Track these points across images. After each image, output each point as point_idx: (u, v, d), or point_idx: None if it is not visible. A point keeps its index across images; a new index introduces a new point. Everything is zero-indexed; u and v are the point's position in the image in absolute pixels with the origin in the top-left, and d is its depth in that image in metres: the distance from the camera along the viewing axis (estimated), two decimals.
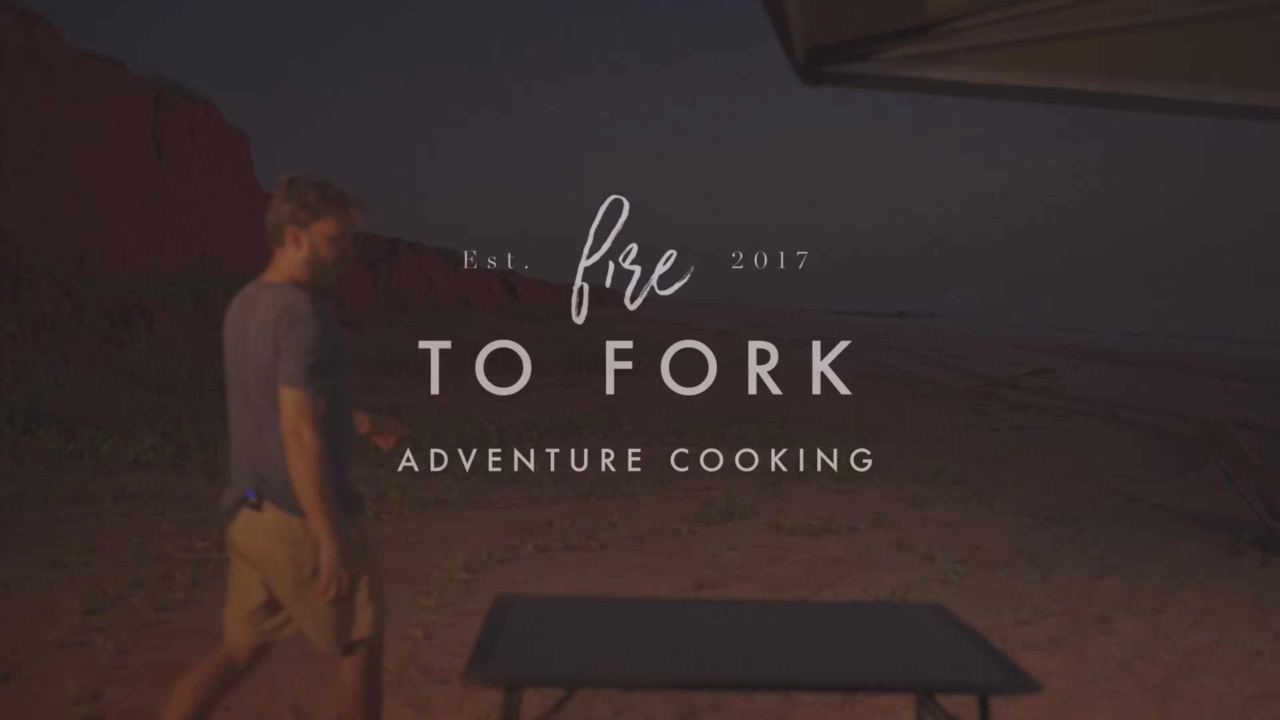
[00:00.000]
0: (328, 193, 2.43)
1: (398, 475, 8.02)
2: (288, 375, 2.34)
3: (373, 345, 18.86)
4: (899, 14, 2.37)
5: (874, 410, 14.14)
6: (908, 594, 4.86)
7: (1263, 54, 2.44)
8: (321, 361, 2.35)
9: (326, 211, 2.42)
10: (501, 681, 1.86)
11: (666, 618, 2.41)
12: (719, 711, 3.42)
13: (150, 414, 9.60)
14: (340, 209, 2.44)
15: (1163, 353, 29.34)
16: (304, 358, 2.33)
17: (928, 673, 2.01)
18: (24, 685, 3.40)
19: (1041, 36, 2.34)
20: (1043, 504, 7.43)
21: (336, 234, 2.45)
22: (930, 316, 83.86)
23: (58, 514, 6.03)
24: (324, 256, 2.45)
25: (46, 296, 13.15)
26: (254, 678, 3.53)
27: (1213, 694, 3.61)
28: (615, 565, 5.42)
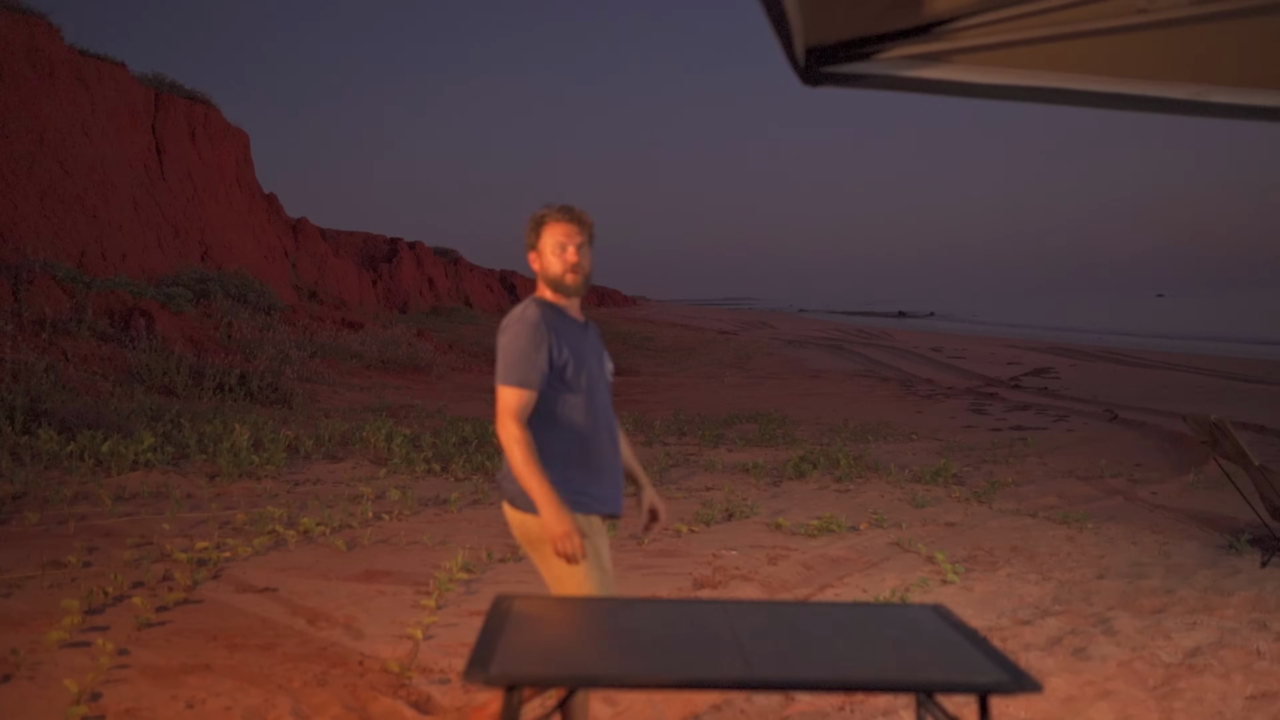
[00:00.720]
0: (545, 212, 2.75)
1: (398, 475, 8.02)
2: (497, 375, 2.69)
3: (373, 345, 18.84)
4: (899, 14, 2.37)
5: (874, 410, 14.14)
6: (908, 594, 4.86)
7: (1263, 54, 2.44)
8: (520, 363, 2.62)
9: (544, 229, 2.74)
10: (501, 681, 1.86)
11: (666, 618, 2.40)
12: (719, 712, 3.42)
13: (150, 414, 9.61)
14: (552, 224, 2.73)
15: (1162, 352, 29.35)
16: (503, 359, 2.66)
17: (927, 673, 2.01)
18: (24, 685, 3.40)
19: (1041, 36, 2.34)
20: (1043, 504, 7.43)
21: (554, 246, 2.73)
22: (930, 316, 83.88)
23: (58, 514, 6.03)
24: (551, 269, 2.74)
25: (46, 296, 13.15)
26: (255, 677, 3.54)
27: (1213, 694, 3.61)
28: (615, 565, 5.41)
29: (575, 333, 2.75)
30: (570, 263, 2.72)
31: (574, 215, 2.74)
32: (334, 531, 5.91)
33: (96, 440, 7.63)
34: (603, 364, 2.84)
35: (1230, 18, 2.23)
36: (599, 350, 2.84)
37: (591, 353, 2.78)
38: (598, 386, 2.77)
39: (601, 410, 2.77)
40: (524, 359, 2.62)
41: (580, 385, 2.69)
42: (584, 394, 2.71)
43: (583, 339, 2.77)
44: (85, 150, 17.93)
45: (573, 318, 2.79)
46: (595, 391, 2.75)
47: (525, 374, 2.62)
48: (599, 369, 2.80)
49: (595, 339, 2.86)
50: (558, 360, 2.66)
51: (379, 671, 3.66)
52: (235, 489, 7.09)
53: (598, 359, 2.80)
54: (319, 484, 7.48)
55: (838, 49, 2.54)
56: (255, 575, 4.92)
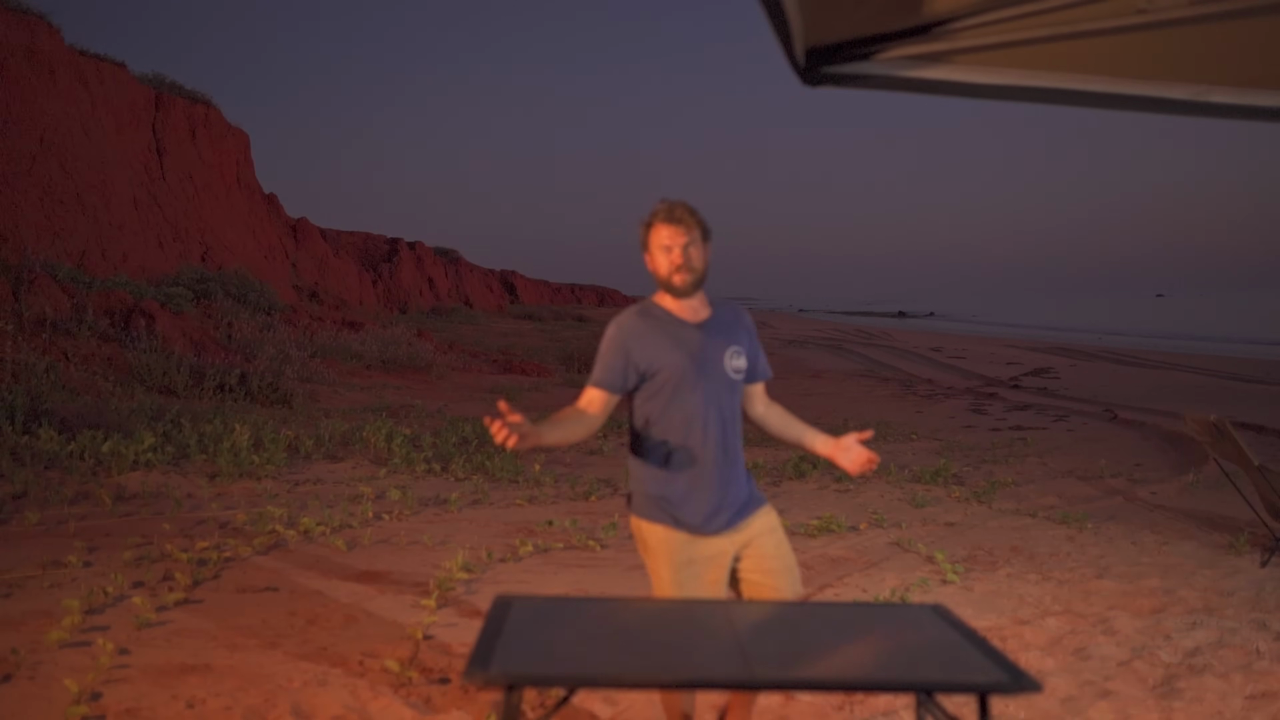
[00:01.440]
0: (652, 214, 2.72)
1: (398, 475, 8.02)
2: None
3: (373, 345, 18.84)
4: (899, 14, 2.37)
5: (874, 410, 14.14)
6: (907, 594, 4.86)
7: (1264, 54, 2.44)
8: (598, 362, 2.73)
9: (651, 232, 2.72)
10: (501, 681, 1.86)
11: (666, 618, 2.41)
12: (719, 712, 3.42)
13: (150, 414, 9.61)
14: (658, 226, 2.70)
15: (1162, 352, 29.34)
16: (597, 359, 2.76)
17: (927, 672, 2.01)
18: (24, 685, 3.40)
19: (1041, 36, 2.34)
20: (1042, 504, 7.43)
21: (661, 248, 2.70)
22: (930, 316, 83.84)
23: (58, 514, 6.03)
24: (659, 270, 2.72)
25: (47, 296, 13.15)
26: (255, 677, 3.54)
27: (1212, 694, 3.61)
28: (615, 565, 5.43)
29: (680, 335, 2.69)
30: (675, 264, 2.67)
31: (678, 217, 2.68)
32: (334, 531, 5.91)
33: (97, 440, 7.63)
34: (717, 365, 2.70)
35: (1230, 18, 2.23)
36: (717, 349, 2.71)
37: (699, 354, 2.68)
38: (696, 393, 2.67)
39: (699, 420, 2.67)
40: (601, 360, 2.73)
41: (666, 393, 2.67)
42: (670, 402, 2.67)
43: (690, 341, 2.69)
44: (85, 150, 17.93)
45: (680, 320, 2.72)
46: (690, 400, 2.67)
47: (597, 374, 2.72)
48: (706, 368, 2.68)
49: (714, 337, 2.72)
50: (641, 368, 2.69)
51: (379, 671, 3.66)
52: (235, 489, 7.09)
53: (707, 361, 2.69)
54: (319, 484, 7.48)
55: (838, 49, 2.54)
56: (255, 575, 4.92)
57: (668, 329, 2.71)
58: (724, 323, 2.77)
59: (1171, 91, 2.54)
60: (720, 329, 2.75)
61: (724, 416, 2.71)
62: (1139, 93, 2.59)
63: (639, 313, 2.74)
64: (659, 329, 2.71)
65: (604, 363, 2.71)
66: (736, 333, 2.77)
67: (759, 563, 2.73)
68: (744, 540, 2.73)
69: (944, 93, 2.62)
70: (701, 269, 2.70)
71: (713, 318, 2.77)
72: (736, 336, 2.76)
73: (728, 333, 2.76)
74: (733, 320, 2.80)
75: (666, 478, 2.69)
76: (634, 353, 2.68)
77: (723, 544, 2.72)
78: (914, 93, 2.65)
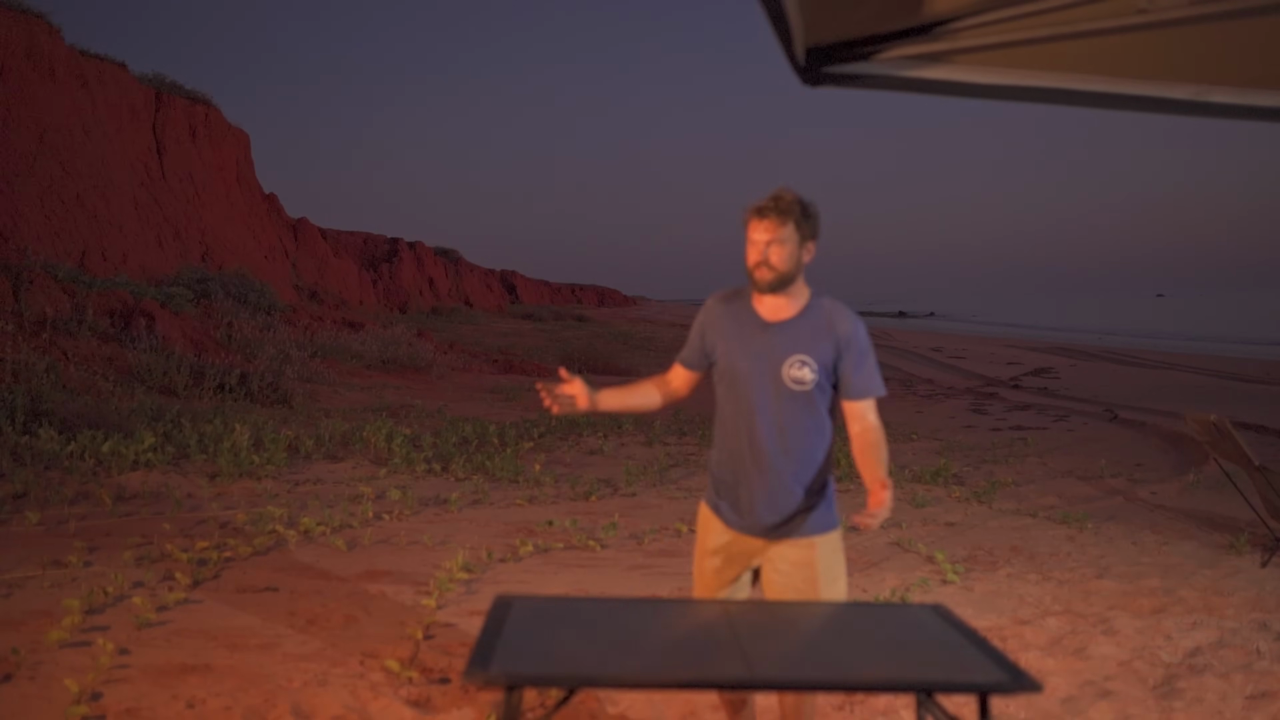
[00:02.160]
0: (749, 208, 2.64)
1: (398, 475, 8.02)
2: None
3: (373, 345, 18.84)
4: (899, 14, 2.37)
5: None
6: (908, 594, 4.86)
7: (1264, 54, 2.44)
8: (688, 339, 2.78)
9: (747, 226, 2.63)
10: (501, 681, 1.86)
11: (666, 618, 2.40)
12: (719, 712, 3.42)
13: (151, 414, 9.60)
14: (752, 220, 2.62)
15: (1162, 352, 29.33)
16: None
17: (927, 673, 2.01)
18: (24, 685, 3.40)
19: (1041, 36, 2.34)
20: (1043, 504, 7.43)
21: (749, 239, 2.61)
22: (930, 316, 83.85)
23: (58, 514, 6.03)
24: (747, 263, 2.63)
25: (47, 296, 13.15)
26: (255, 677, 3.54)
27: (1213, 694, 3.61)
28: (615, 565, 5.43)
29: (747, 329, 2.63)
30: (756, 260, 2.57)
31: (766, 212, 2.57)
32: (334, 531, 5.91)
33: (97, 440, 7.63)
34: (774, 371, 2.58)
35: (1230, 17, 2.23)
36: (778, 355, 2.58)
37: (758, 356, 2.60)
38: (747, 391, 2.61)
39: (746, 417, 2.61)
40: (688, 339, 2.79)
41: (725, 382, 2.66)
42: (728, 392, 2.65)
43: (753, 338, 2.61)
44: (86, 150, 17.93)
45: (756, 315, 2.63)
46: (742, 395, 2.61)
47: (684, 350, 2.79)
48: (768, 371, 2.59)
49: (781, 342, 2.59)
50: (709, 352, 2.72)
51: (379, 671, 3.66)
52: (235, 489, 7.09)
53: (765, 364, 2.59)
54: (319, 484, 7.48)
55: (838, 49, 2.54)
56: (255, 575, 4.92)
57: (740, 320, 2.65)
58: (803, 328, 2.60)
59: (1172, 91, 2.54)
60: (794, 335, 2.59)
61: (777, 425, 2.59)
62: (1139, 93, 2.59)
63: (724, 297, 2.72)
64: (733, 318, 2.66)
65: (689, 339, 2.78)
66: (815, 342, 2.58)
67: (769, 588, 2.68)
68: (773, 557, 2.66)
69: (944, 93, 2.62)
70: (785, 269, 2.56)
71: (793, 321, 2.61)
72: (811, 346, 2.58)
73: (802, 341, 2.59)
74: (817, 328, 2.60)
75: (719, 463, 2.70)
76: (707, 335, 2.71)
77: (752, 547, 2.67)
78: (914, 93, 2.65)
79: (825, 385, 2.60)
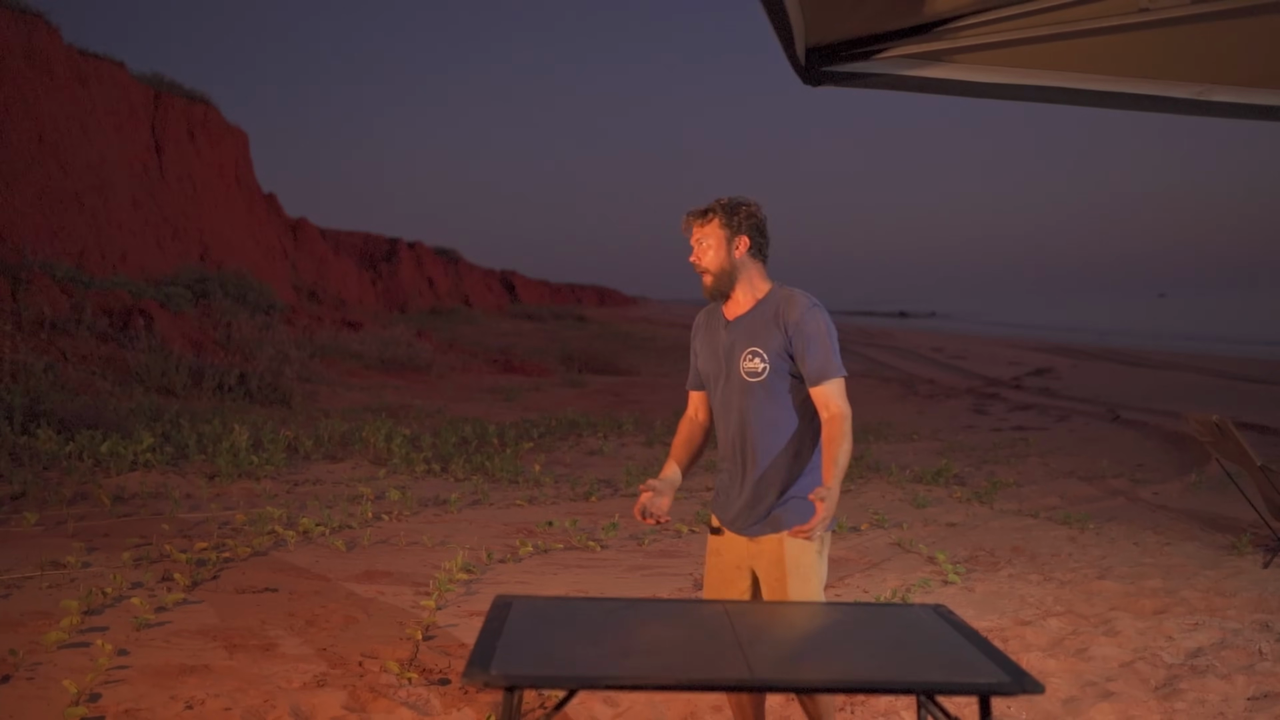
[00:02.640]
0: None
1: (397, 475, 8.01)
2: None
3: (372, 345, 18.84)
4: (899, 14, 2.36)
5: (876, 410, 14.12)
6: (909, 594, 4.85)
7: (1265, 53, 2.43)
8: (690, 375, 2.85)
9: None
10: (501, 682, 1.85)
11: (666, 618, 2.39)
12: (719, 713, 3.41)
13: (149, 414, 9.60)
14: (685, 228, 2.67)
15: (1164, 352, 29.33)
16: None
17: (929, 673, 2.00)
18: (22, 686, 3.39)
19: (1042, 36, 2.33)
20: (1044, 504, 7.42)
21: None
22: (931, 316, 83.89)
23: (56, 514, 6.02)
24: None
25: (45, 296, 13.13)
26: (254, 678, 3.53)
27: (1215, 695, 3.60)
28: (615, 565, 5.42)
29: (716, 332, 2.69)
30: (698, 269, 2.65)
31: (687, 217, 2.64)
32: (333, 532, 5.90)
33: (95, 440, 7.62)
34: (734, 366, 2.60)
35: (1231, 17, 2.22)
36: (736, 350, 2.60)
37: (721, 354, 2.64)
38: (716, 390, 2.68)
39: (722, 416, 2.68)
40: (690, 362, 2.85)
41: (709, 385, 2.74)
42: (711, 394, 2.74)
43: (716, 338, 2.67)
44: (84, 149, 17.92)
45: (721, 317, 2.69)
46: (716, 395, 2.70)
47: (690, 377, 2.86)
48: (728, 369, 2.62)
49: (737, 337, 2.61)
50: (694, 360, 2.81)
51: (379, 672, 3.65)
52: (234, 489, 7.08)
53: (726, 360, 2.62)
54: (318, 484, 7.47)
55: (839, 48, 2.53)
56: (255, 576, 4.91)
57: (711, 326, 2.74)
58: (755, 321, 2.60)
59: (1173, 90, 2.53)
60: (747, 328, 2.61)
61: (743, 420, 2.60)
62: (1141, 91, 2.58)
63: (706, 311, 2.80)
64: (706, 327, 2.76)
65: (690, 361, 2.85)
66: (766, 332, 2.57)
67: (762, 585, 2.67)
68: (755, 554, 2.65)
69: (945, 92, 2.61)
70: (715, 268, 2.59)
71: (747, 315, 2.62)
72: (762, 337, 2.58)
73: (753, 332, 2.59)
74: (768, 318, 2.59)
75: (718, 464, 2.77)
76: (694, 350, 2.81)
77: (740, 546, 2.69)
78: (915, 92, 2.65)
79: (783, 374, 2.57)
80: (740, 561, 2.70)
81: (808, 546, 2.58)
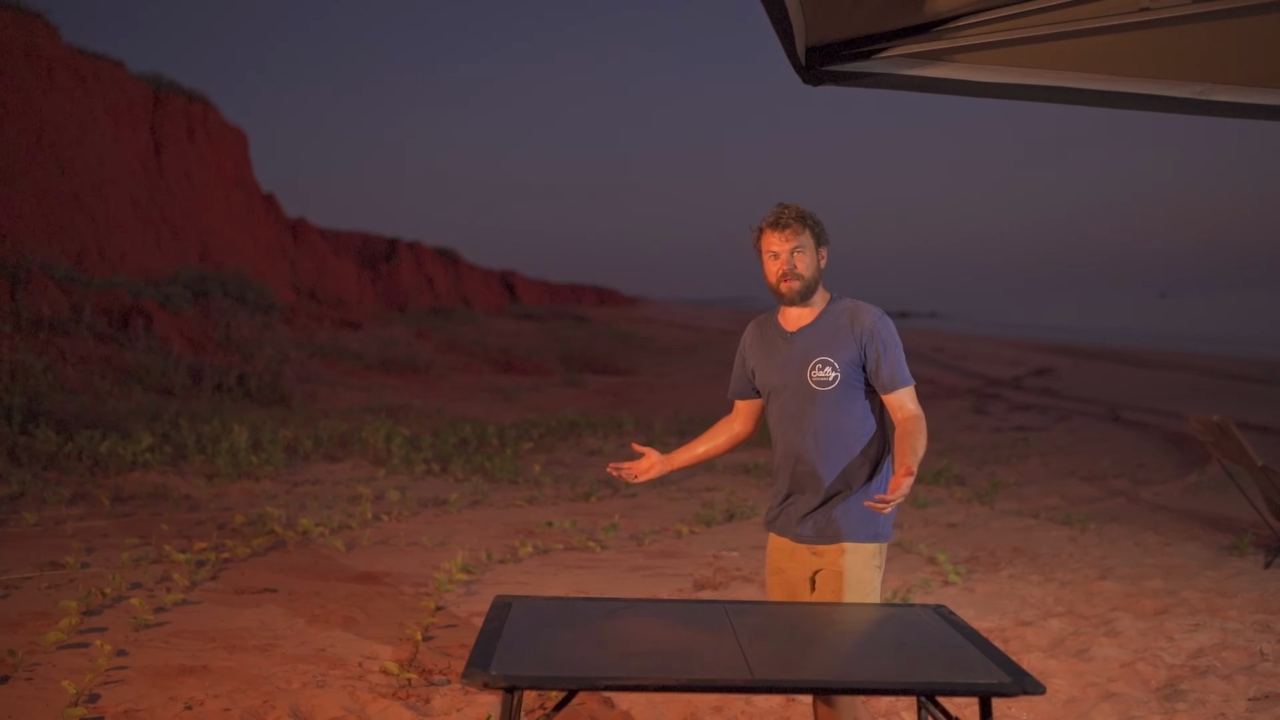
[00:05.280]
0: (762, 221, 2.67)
1: (397, 476, 8.01)
2: None
3: (372, 345, 18.82)
4: (899, 13, 2.35)
5: None
6: (909, 595, 4.84)
7: (1266, 53, 2.42)
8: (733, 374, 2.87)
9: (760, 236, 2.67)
10: (501, 683, 1.84)
11: (666, 619, 2.39)
12: (720, 713, 3.41)
13: (148, 414, 9.59)
14: (767, 233, 2.64)
15: (1165, 352, 29.33)
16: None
17: (929, 674, 2.00)
18: (21, 686, 3.38)
19: (1042, 35, 2.33)
20: (1045, 505, 7.42)
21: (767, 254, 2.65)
22: (932, 316, 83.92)
23: (55, 515, 6.01)
24: (768, 276, 2.67)
25: (44, 296, 13.12)
26: (254, 678, 3.52)
27: (1216, 696, 3.60)
28: (615, 566, 5.41)
29: (773, 344, 2.69)
30: (780, 271, 2.61)
31: (784, 222, 2.61)
32: (333, 532, 5.89)
33: (94, 440, 7.61)
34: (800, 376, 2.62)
35: (1233, 16, 2.21)
36: (803, 360, 2.62)
37: (784, 365, 2.65)
38: (782, 402, 2.66)
39: (786, 427, 2.66)
40: (734, 370, 2.87)
41: (766, 399, 2.74)
42: (771, 408, 2.73)
43: (778, 350, 2.67)
44: (83, 149, 17.91)
45: (780, 328, 2.69)
46: (780, 407, 2.67)
47: (731, 385, 2.88)
48: (791, 381, 2.63)
49: (804, 347, 2.63)
50: (750, 376, 2.79)
51: (378, 673, 3.64)
52: (234, 490, 7.08)
53: (793, 371, 2.63)
54: (318, 484, 7.46)
55: (839, 48, 2.52)
56: (254, 576, 4.91)
57: (768, 338, 2.73)
58: (823, 330, 2.63)
59: (1175, 90, 2.52)
60: (815, 338, 2.63)
61: (813, 430, 2.61)
62: (1142, 91, 2.57)
63: (758, 322, 2.81)
64: (761, 338, 2.75)
65: (734, 372, 2.86)
66: (836, 341, 2.61)
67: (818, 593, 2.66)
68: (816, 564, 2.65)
69: (945, 92, 2.60)
70: (810, 275, 2.60)
71: (812, 325, 2.65)
72: (832, 346, 2.60)
73: (822, 342, 2.62)
74: (837, 327, 2.63)
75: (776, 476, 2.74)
76: (746, 361, 2.80)
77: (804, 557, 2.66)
78: (916, 92, 2.64)
79: (855, 382, 2.61)
80: (806, 574, 2.67)
81: (868, 560, 2.63)
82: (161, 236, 20.60)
